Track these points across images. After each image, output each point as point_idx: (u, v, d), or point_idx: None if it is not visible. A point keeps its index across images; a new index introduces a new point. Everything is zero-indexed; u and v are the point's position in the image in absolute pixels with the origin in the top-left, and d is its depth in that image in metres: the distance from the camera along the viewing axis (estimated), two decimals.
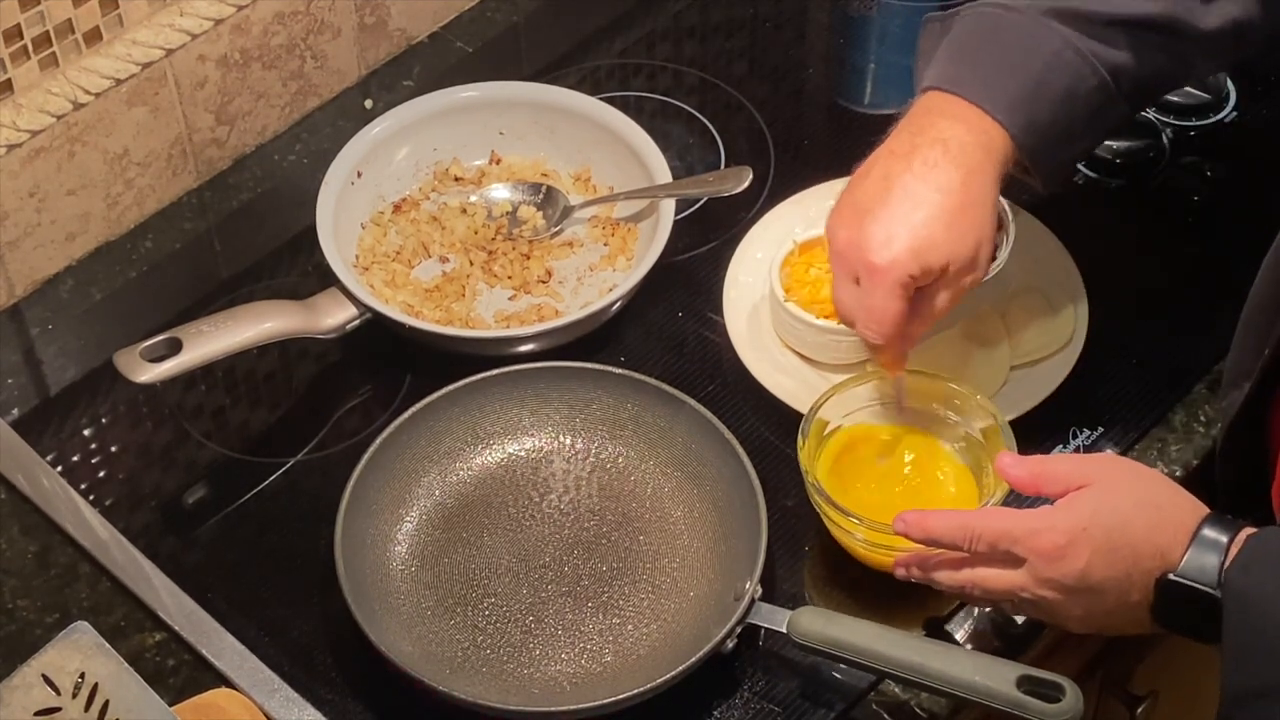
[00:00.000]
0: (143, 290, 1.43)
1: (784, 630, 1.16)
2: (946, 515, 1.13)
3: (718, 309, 1.37)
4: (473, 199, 1.46)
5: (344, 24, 1.52)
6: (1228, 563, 1.05)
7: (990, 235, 1.20)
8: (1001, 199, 1.36)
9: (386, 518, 1.25)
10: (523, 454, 1.30)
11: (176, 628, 1.22)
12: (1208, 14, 1.22)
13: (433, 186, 1.47)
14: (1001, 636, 1.22)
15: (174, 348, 1.27)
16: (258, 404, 1.38)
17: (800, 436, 1.21)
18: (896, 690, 1.18)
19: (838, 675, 1.19)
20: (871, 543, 1.19)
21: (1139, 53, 1.22)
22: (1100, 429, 1.31)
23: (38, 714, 1.06)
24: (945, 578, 1.14)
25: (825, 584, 1.24)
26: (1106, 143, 1.46)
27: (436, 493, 1.28)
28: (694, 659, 1.15)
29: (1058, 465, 1.12)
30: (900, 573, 1.17)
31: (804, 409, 1.23)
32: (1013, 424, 1.23)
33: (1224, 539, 1.05)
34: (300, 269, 1.43)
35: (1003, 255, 1.35)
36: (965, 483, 1.23)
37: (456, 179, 1.47)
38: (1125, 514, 1.07)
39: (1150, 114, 1.49)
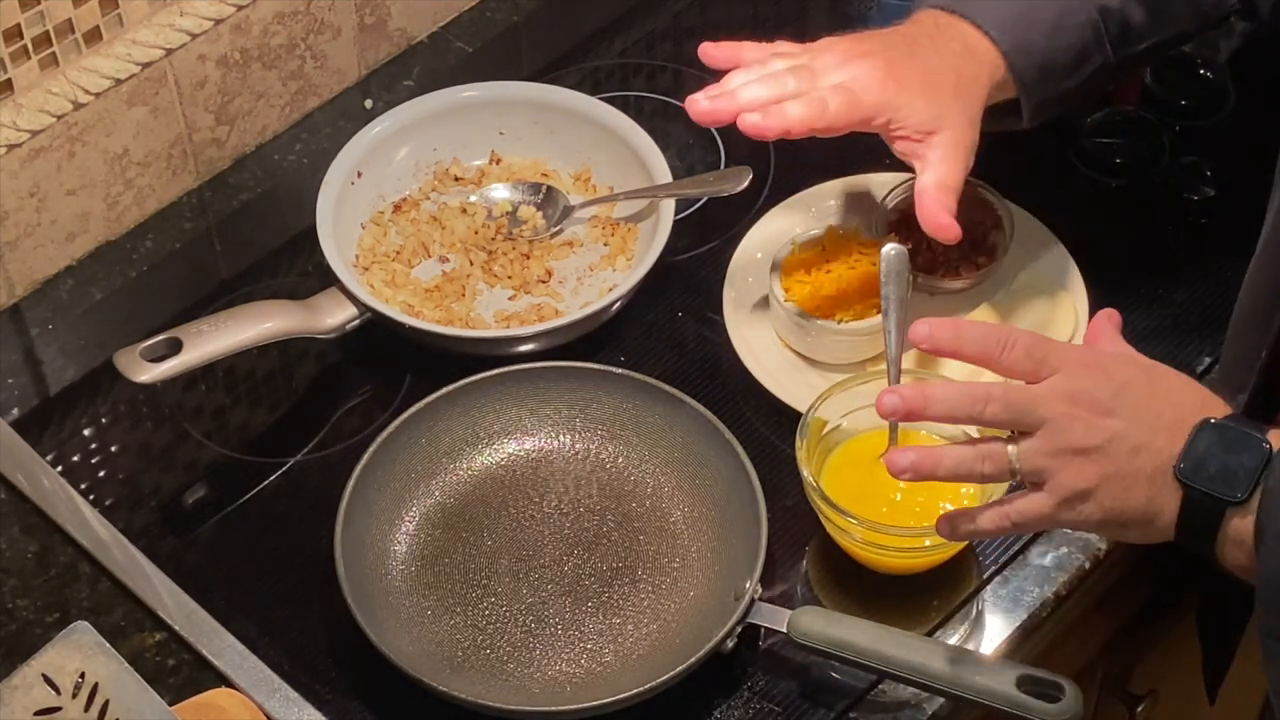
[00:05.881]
0: (143, 290, 1.43)
1: (784, 630, 1.16)
2: (978, 323, 1.08)
3: (718, 309, 1.36)
4: (473, 199, 1.46)
5: (344, 24, 1.52)
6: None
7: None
8: (1002, 198, 1.36)
9: (386, 518, 1.25)
10: (523, 454, 1.30)
11: (176, 628, 1.22)
12: None
13: (433, 186, 1.47)
14: (1002, 635, 1.22)
15: (174, 348, 1.27)
16: (258, 404, 1.38)
17: (799, 436, 1.21)
18: (897, 690, 1.18)
19: (838, 675, 1.19)
20: (869, 543, 1.20)
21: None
22: None
23: (38, 714, 1.06)
24: (955, 397, 1.04)
25: (825, 584, 1.24)
26: (1106, 142, 1.46)
27: (436, 493, 1.28)
28: (694, 659, 1.15)
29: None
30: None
31: (804, 409, 1.23)
32: None
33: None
34: (300, 269, 1.43)
35: (1002, 253, 1.35)
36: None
37: (456, 179, 1.47)
38: (1167, 371, 1.06)
39: (1150, 114, 1.49)
